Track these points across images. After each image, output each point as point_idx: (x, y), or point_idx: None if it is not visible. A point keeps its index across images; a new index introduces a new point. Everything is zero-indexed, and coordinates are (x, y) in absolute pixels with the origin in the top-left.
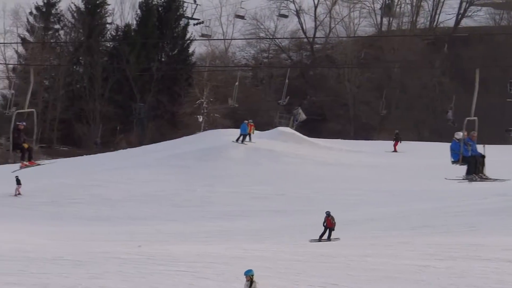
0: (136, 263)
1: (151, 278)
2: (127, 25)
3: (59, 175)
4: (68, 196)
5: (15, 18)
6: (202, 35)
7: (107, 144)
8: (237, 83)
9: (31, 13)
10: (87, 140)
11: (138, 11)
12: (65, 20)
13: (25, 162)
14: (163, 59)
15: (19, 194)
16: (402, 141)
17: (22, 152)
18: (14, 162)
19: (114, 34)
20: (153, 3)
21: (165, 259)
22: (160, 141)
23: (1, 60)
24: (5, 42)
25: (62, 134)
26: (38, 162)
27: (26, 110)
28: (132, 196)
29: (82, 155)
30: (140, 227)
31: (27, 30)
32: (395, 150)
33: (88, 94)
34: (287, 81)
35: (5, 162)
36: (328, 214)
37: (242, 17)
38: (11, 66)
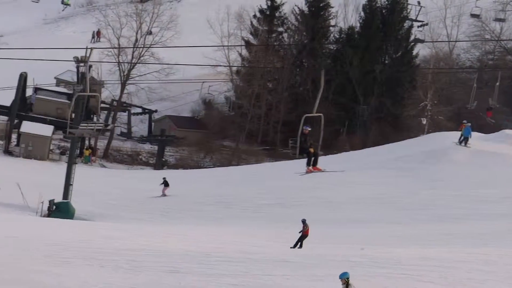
0: (358, 266)
1: (373, 280)
2: (351, 28)
3: (282, 177)
4: (292, 198)
5: (239, 21)
6: (415, 40)
7: (330, 147)
8: (497, 83)
9: (255, 16)
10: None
11: (362, 13)
12: (289, 23)
13: (310, 168)
14: (386, 62)
15: (164, 195)
16: None
17: (308, 157)
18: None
19: (337, 36)
20: (377, 5)
21: (388, 262)
22: (383, 144)
23: (225, 62)
24: (229, 45)
25: (285, 137)
26: (324, 168)
27: (314, 114)
28: (354, 199)
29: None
30: (362, 230)
31: (251, 33)
32: None
33: (311, 96)
34: (475, 85)
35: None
36: (303, 222)
37: (477, 16)
38: (234, 68)
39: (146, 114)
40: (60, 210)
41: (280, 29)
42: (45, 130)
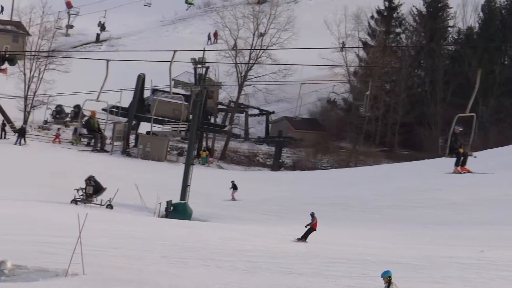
0: (478, 268)
1: (493, 283)
2: (469, 28)
3: (401, 178)
4: (411, 199)
5: (357, 22)
6: None
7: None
8: None
9: (372, 17)
10: (429, 144)
11: (481, 14)
12: (406, 23)
13: (458, 168)
14: (505, 62)
15: (233, 199)
16: None
17: (457, 157)
18: None
19: (455, 37)
20: (496, 5)
21: (509, 265)
22: (503, 145)
23: (343, 63)
24: (347, 46)
25: (403, 138)
26: (472, 170)
27: (467, 114)
28: (477, 201)
29: (423, 159)
30: (484, 232)
31: (368, 34)
32: None
33: (430, 98)
34: None
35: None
36: (312, 215)
37: None
38: (352, 69)
39: (263, 116)
40: (177, 210)
41: (398, 30)
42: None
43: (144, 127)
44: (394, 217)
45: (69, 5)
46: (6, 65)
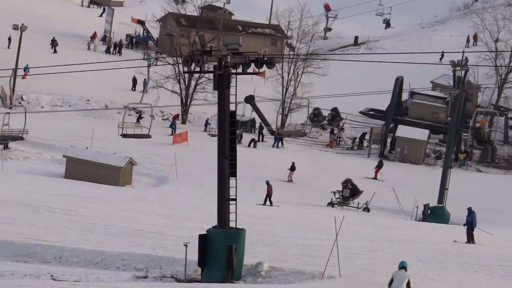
0: None
1: None
2: None
3: None
4: None
5: None
6: None
7: None
8: None
9: None
10: None
11: None
12: None
13: None
14: None
15: (291, 180)
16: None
17: None
18: None
19: None
20: None
21: None
22: None
23: None
24: None
25: None
26: None
27: None
28: None
29: None
30: None
31: None
32: (375, 177)
33: None
34: None
35: None
36: (267, 183)
37: None
38: None
39: None
40: (435, 214)
41: None
42: (421, 134)
43: (401, 130)
44: None
45: (327, 8)
46: (264, 68)
